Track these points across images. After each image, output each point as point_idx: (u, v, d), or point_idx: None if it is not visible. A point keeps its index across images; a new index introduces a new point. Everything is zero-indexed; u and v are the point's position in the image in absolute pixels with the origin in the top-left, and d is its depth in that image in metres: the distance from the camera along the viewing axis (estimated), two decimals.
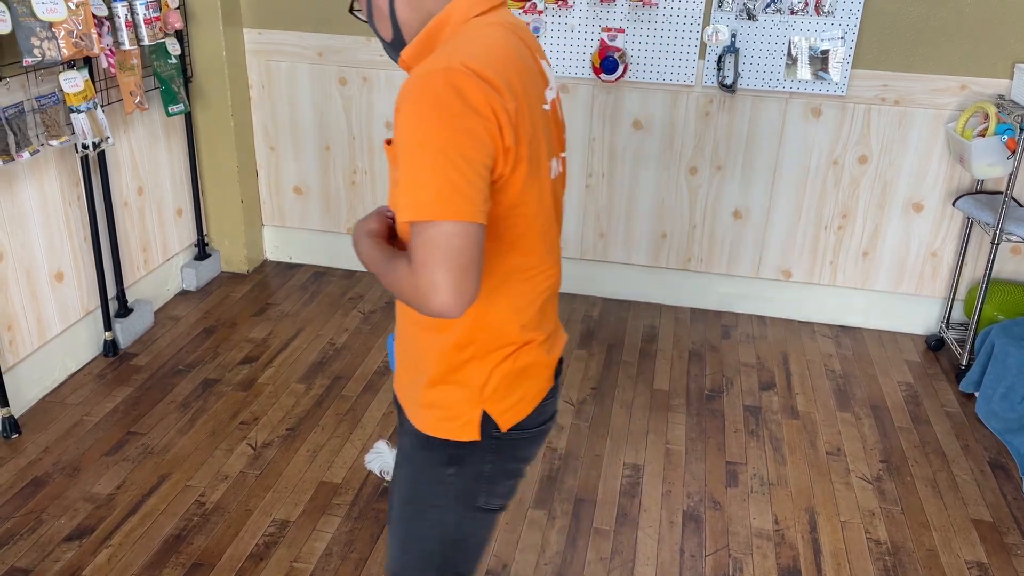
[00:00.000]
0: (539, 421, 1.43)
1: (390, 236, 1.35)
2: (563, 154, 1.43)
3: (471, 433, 1.36)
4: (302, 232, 4.05)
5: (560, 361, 1.49)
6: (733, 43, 3.32)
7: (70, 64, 2.80)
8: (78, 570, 2.27)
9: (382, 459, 2.61)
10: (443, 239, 1.13)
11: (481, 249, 1.16)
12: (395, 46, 1.36)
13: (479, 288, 1.17)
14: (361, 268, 4.05)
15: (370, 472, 2.62)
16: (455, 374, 1.36)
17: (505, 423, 1.37)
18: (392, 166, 1.24)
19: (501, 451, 1.40)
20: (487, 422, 1.37)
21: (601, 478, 2.70)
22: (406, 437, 1.45)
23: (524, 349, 1.37)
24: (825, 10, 3.22)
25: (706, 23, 3.34)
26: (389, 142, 1.24)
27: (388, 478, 2.59)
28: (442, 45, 1.25)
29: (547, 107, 1.34)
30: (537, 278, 1.36)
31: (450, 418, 1.37)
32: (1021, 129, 2.94)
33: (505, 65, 1.22)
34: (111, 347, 3.26)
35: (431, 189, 1.13)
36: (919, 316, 3.63)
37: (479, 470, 1.40)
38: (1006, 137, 2.97)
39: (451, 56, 1.18)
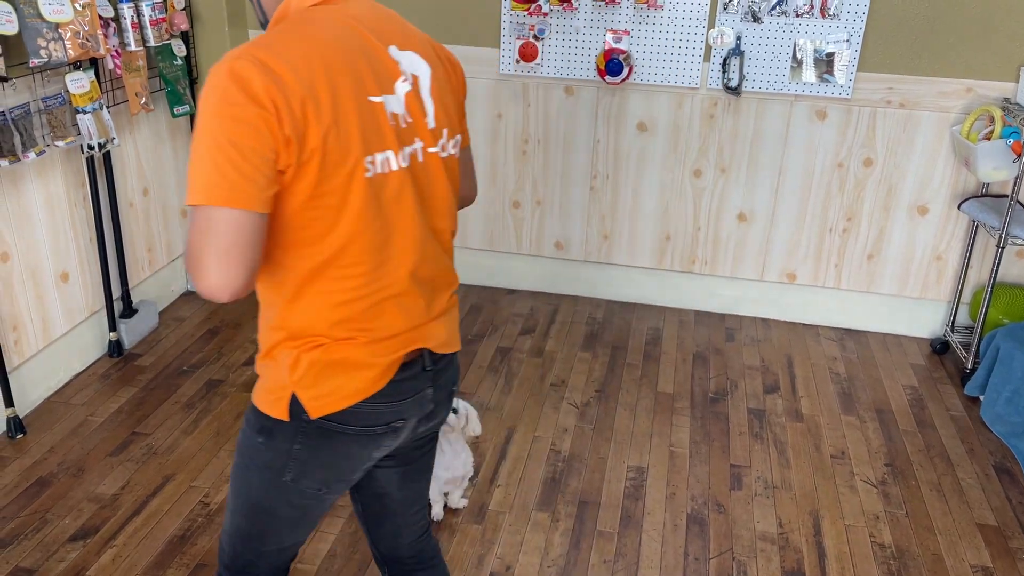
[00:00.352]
0: (365, 423, 1.40)
1: None
2: (432, 149, 1.38)
3: (280, 411, 1.38)
4: None
5: (422, 368, 1.43)
6: (738, 45, 3.32)
7: (76, 65, 2.81)
8: (82, 570, 2.28)
9: None
10: (208, 224, 1.18)
11: (251, 237, 1.19)
12: (264, 28, 1.40)
13: (251, 275, 1.21)
14: None
15: None
16: (273, 351, 1.39)
17: (313, 411, 1.36)
18: None
19: (311, 437, 1.39)
20: (296, 405, 1.37)
21: (605, 480, 2.70)
22: None
23: (339, 344, 1.35)
24: (831, 12, 3.22)
25: (711, 25, 3.33)
26: None
27: None
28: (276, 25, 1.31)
29: (382, 99, 1.30)
30: (359, 279, 1.32)
31: (268, 391, 1.40)
32: None
33: (311, 57, 1.23)
34: (116, 348, 3.27)
35: (202, 175, 1.18)
36: (924, 319, 3.62)
37: (288, 448, 1.41)
38: (1012, 140, 2.96)
39: (248, 47, 1.22)
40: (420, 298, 1.42)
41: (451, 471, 2.44)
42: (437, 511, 2.49)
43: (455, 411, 2.41)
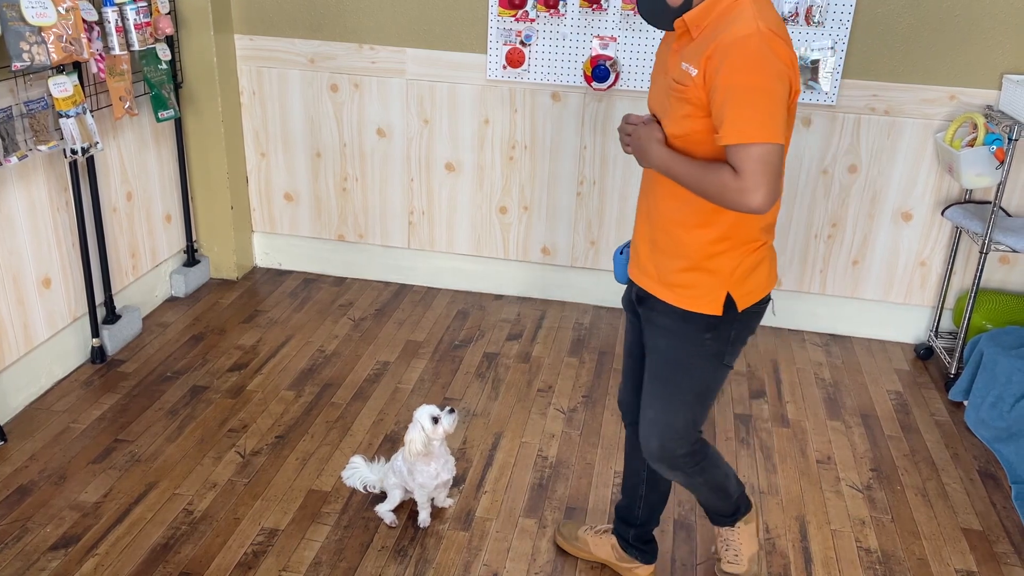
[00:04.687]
0: (765, 302, 1.90)
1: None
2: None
3: (717, 309, 1.81)
4: (292, 239, 4.04)
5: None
6: None
7: (59, 69, 2.79)
8: None
9: (360, 474, 2.59)
10: (769, 156, 1.60)
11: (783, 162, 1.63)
12: (680, 10, 1.74)
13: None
14: (351, 275, 4.04)
15: (353, 488, 2.60)
16: (708, 262, 1.80)
17: (742, 304, 1.83)
18: (681, 102, 1.70)
19: (742, 322, 1.86)
20: (729, 301, 1.81)
21: (592, 486, 2.70)
22: (660, 316, 1.90)
23: (761, 248, 1.83)
24: (815, 20, 3.24)
25: None
26: (678, 83, 1.70)
27: (374, 491, 2.57)
28: (735, 12, 1.65)
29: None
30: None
31: (700, 296, 1.82)
32: (1009, 139, 2.96)
33: (785, 27, 1.69)
34: (98, 354, 3.24)
35: (755, 119, 1.59)
36: (908, 325, 3.64)
37: (727, 335, 1.86)
38: (995, 147, 2.99)
39: (758, 22, 1.61)
40: None
41: (439, 477, 2.43)
42: (424, 517, 2.48)
43: (452, 411, 2.39)
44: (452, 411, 2.38)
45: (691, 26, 1.70)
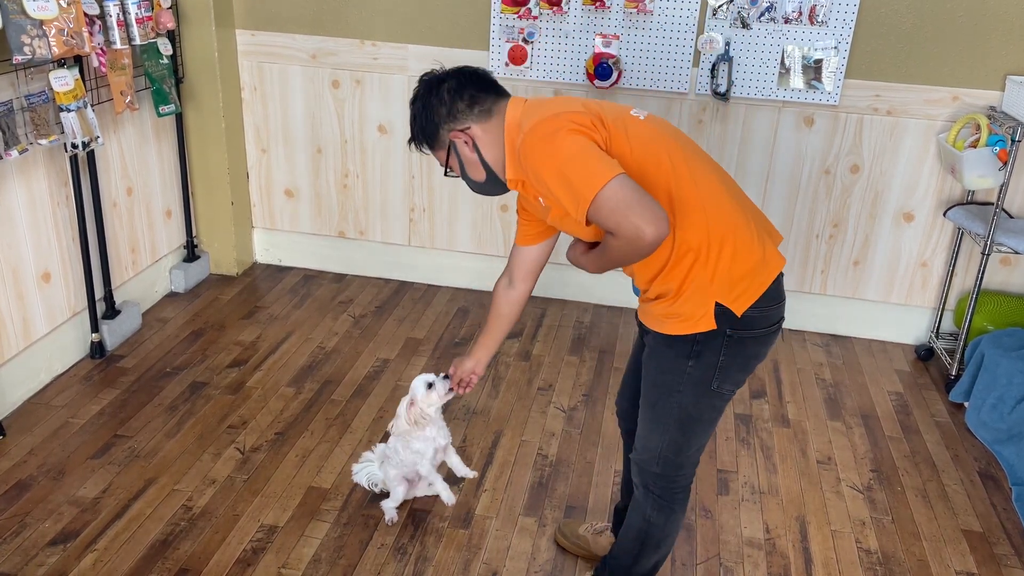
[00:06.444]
0: (765, 324, 1.78)
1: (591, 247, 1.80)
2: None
3: (710, 323, 1.73)
4: (292, 235, 4.03)
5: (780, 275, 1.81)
6: (727, 51, 3.33)
7: (60, 63, 2.78)
8: (62, 575, 2.24)
9: (369, 470, 2.58)
10: (617, 193, 1.57)
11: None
12: (493, 179, 1.86)
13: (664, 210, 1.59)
14: (351, 271, 4.03)
15: (355, 485, 2.59)
16: (685, 285, 1.73)
17: (739, 308, 1.72)
18: (565, 218, 1.76)
19: (731, 347, 1.77)
20: (722, 310, 1.72)
21: (592, 485, 2.69)
22: (651, 339, 1.87)
23: (726, 248, 1.71)
24: (819, 20, 3.23)
25: (700, 31, 3.34)
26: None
27: (377, 489, 2.57)
28: (516, 137, 1.73)
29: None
30: (703, 195, 1.73)
31: (691, 318, 1.75)
32: (1012, 141, 2.95)
33: (566, 102, 1.76)
34: (98, 349, 3.23)
35: (579, 181, 1.60)
36: (909, 326, 3.64)
37: (713, 361, 1.78)
38: (997, 148, 2.98)
39: (530, 119, 1.72)
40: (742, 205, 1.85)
41: (436, 442, 2.39)
42: (446, 496, 2.40)
43: (430, 386, 2.35)
44: (446, 377, 2.34)
45: (514, 179, 1.82)
